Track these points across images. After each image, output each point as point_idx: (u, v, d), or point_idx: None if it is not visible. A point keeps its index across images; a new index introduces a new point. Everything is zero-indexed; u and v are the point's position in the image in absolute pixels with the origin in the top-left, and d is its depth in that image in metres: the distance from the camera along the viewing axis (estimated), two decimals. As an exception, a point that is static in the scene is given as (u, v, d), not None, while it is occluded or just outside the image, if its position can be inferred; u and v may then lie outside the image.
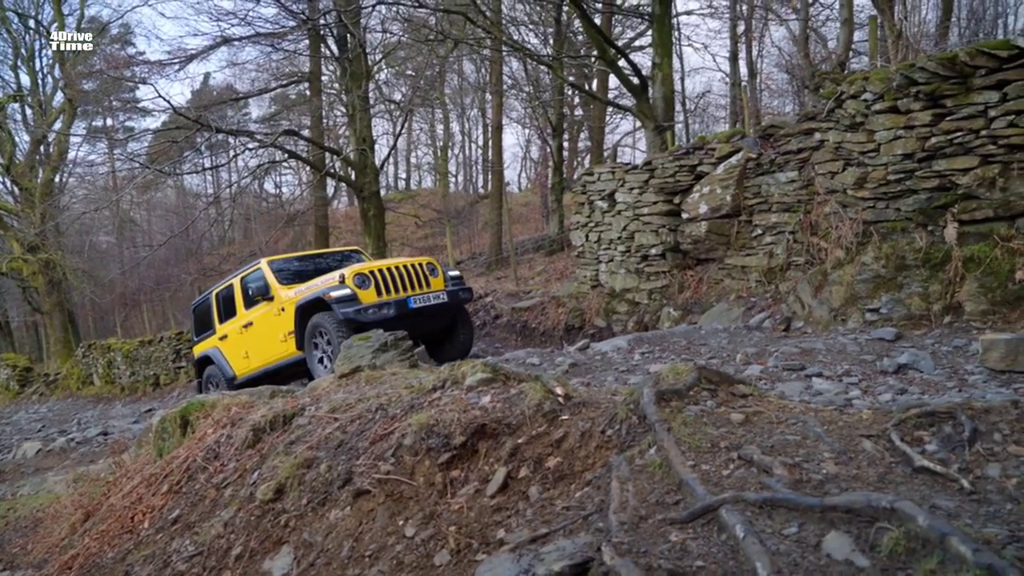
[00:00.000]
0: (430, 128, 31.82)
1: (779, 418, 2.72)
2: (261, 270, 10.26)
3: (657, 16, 13.23)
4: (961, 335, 5.84)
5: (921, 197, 6.57)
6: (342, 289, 8.69)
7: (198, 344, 12.01)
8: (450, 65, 25.63)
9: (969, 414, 2.33)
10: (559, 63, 15.81)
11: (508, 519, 2.92)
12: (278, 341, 9.68)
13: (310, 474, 3.84)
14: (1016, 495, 1.96)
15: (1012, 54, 5.87)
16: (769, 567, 1.84)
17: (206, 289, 13.35)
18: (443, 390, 3.95)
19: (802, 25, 12.62)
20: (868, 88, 6.94)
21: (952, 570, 1.60)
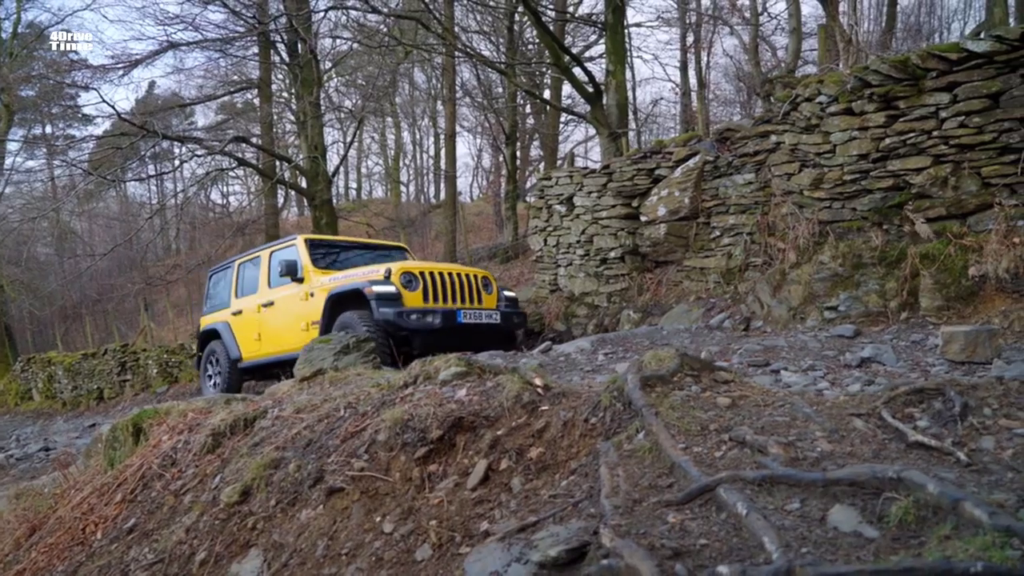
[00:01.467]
0: (381, 137, 31.61)
1: (765, 401, 2.70)
2: (296, 247, 9.15)
3: (610, 24, 13.36)
4: (918, 330, 5.96)
5: (876, 197, 6.71)
6: (386, 285, 7.66)
7: (207, 316, 10.89)
8: (402, 74, 25.51)
9: (958, 390, 2.34)
10: (512, 70, 15.82)
11: (491, 511, 2.84)
12: (298, 329, 8.66)
13: (278, 474, 3.70)
14: (1014, 465, 1.96)
15: (962, 57, 6.03)
16: (777, 541, 1.80)
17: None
18: (415, 386, 3.85)
19: (752, 34, 12.87)
20: (823, 91, 7.06)
21: (967, 535, 1.59)
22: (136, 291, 21.64)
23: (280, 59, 17.54)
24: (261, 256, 9.83)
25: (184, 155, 17.10)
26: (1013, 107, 5.83)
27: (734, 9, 14.38)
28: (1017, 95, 5.80)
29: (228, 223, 23.47)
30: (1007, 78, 5.87)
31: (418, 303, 7.77)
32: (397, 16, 14.15)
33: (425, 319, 7.56)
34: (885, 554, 1.67)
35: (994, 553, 1.47)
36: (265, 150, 16.72)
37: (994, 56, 5.88)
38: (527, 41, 19.84)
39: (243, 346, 9.77)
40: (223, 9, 15.76)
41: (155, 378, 15.68)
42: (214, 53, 17.10)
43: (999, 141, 5.94)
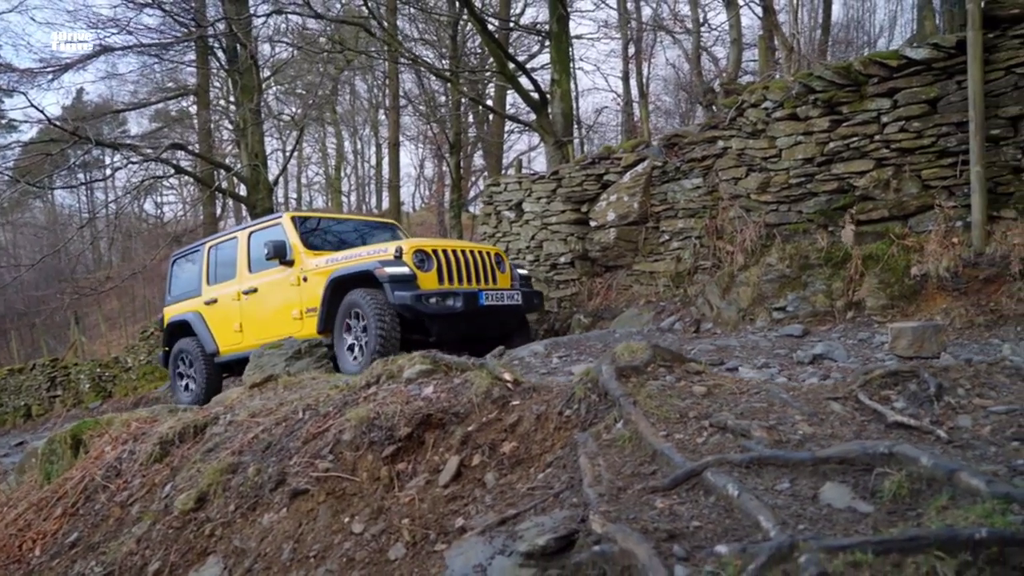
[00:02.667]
0: (321, 147, 31.19)
1: (740, 389, 2.71)
2: (282, 226, 8.17)
3: (555, 33, 13.45)
4: (864, 329, 6.11)
5: (821, 199, 6.87)
6: (399, 266, 6.86)
7: (172, 306, 9.70)
8: (343, 82, 25.26)
9: (931, 372, 2.39)
10: (456, 77, 15.81)
11: (465, 507, 2.78)
12: (290, 318, 7.78)
13: (236, 479, 3.56)
14: (994, 440, 2.00)
15: (901, 64, 6.24)
16: (773, 519, 1.79)
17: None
18: (378, 385, 3.76)
19: (694, 43, 13.13)
20: (768, 97, 7.22)
21: (965, 504, 1.60)
22: (66, 304, 20.83)
23: (219, 65, 17.16)
24: (238, 238, 8.80)
25: (118, 162, 16.56)
26: (950, 112, 6.05)
27: (676, 20, 14.67)
28: (954, 101, 6.01)
29: (163, 233, 22.81)
30: (944, 84, 6.09)
31: (433, 285, 6.99)
32: (340, 21, 14.00)
33: (446, 302, 6.82)
34: (883, 527, 1.67)
35: (996, 519, 1.49)
36: (204, 158, 16.32)
37: (932, 63, 6.10)
38: (468, 52, 19.86)
39: (220, 339, 8.83)
40: (159, 13, 15.37)
41: (87, 393, 15.09)
42: (150, 58, 16.64)
43: (937, 145, 6.14)
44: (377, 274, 6.82)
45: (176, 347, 9.39)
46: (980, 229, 5.81)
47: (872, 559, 1.51)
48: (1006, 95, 5.80)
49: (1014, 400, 2.22)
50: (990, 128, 5.80)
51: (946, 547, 1.47)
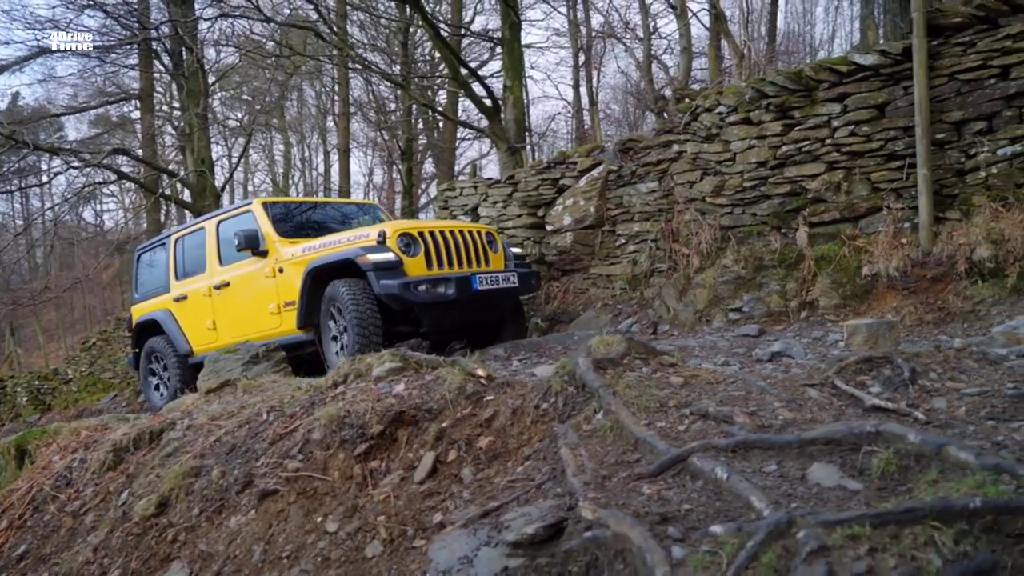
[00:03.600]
0: (268, 154, 30.72)
1: (716, 379, 2.74)
2: (252, 213, 7.51)
3: (507, 40, 13.50)
4: (818, 327, 6.25)
5: (775, 202, 7.01)
6: (383, 252, 6.28)
7: (140, 304, 9.02)
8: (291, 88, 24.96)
9: (904, 357, 2.45)
10: (408, 83, 15.74)
11: (443, 503, 2.74)
12: (267, 313, 7.19)
13: (199, 483, 3.46)
14: (971, 420, 2.05)
15: (851, 69, 6.41)
16: (765, 499, 1.80)
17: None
18: (346, 385, 3.70)
19: (645, 52, 13.33)
20: (722, 102, 7.35)
21: (955, 476, 1.64)
22: (1, 315, 20.07)
23: (164, 69, 16.79)
24: (205, 228, 8.18)
25: (58, 168, 16.05)
26: (897, 117, 6.23)
27: (627, 28, 14.88)
28: (901, 106, 6.20)
29: (103, 241, 22.17)
30: (891, 90, 6.28)
31: (422, 270, 6.41)
32: (290, 26, 13.82)
33: (437, 290, 6.26)
34: (874, 503, 1.70)
35: (988, 489, 1.52)
36: (148, 163, 15.92)
37: (880, 69, 6.28)
38: (417, 59, 19.81)
39: (193, 337, 8.18)
40: (101, 14, 14.97)
41: (25, 406, 14.54)
42: (91, 61, 16.17)
43: (886, 148, 6.33)
44: (359, 262, 6.27)
45: (146, 346, 8.73)
46: (927, 230, 5.99)
47: (870, 531, 1.53)
48: (950, 100, 6.00)
49: (984, 383, 2.28)
50: (935, 132, 6.00)
51: (942, 517, 1.49)
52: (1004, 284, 5.47)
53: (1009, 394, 2.15)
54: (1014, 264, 5.44)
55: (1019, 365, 2.44)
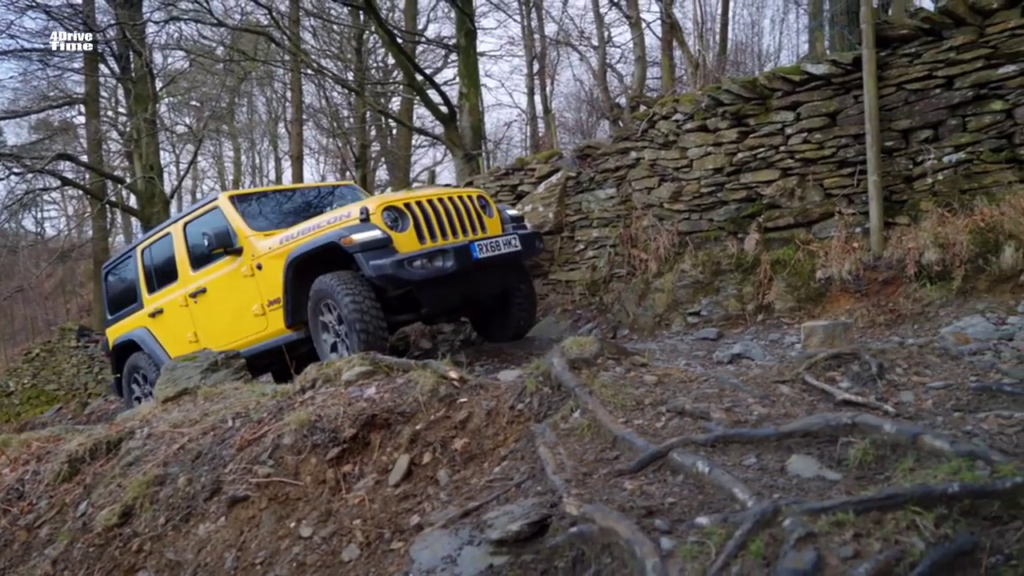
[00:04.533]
0: (218, 161, 30.26)
1: (689, 377, 2.79)
2: (219, 208, 6.90)
3: (463, 47, 13.54)
4: (774, 330, 6.39)
5: (731, 208, 7.16)
6: (368, 230, 5.62)
7: (114, 325, 8.49)
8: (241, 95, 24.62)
9: (871, 353, 2.53)
10: (362, 89, 15.66)
11: (419, 505, 2.74)
12: (251, 315, 6.61)
13: (165, 491, 3.39)
14: (938, 412, 2.13)
15: (803, 78, 6.59)
16: (747, 491, 1.84)
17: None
18: (315, 389, 3.67)
19: (600, 61, 13.50)
20: (679, 109, 7.48)
21: (931, 464, 1.70)
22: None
23: (111, 72, 16.41)
24: (171, 233, 7.53)
25: (-1, 173, 15.56)
26: (848, 125, 6.42)
27: (581, 37, 15.06)
28: (851, 114, 6.39)
29: (46, 249, 21.53)
30: (842, 99, 6.46)
31: (414, 245, 5.76)
32: (243, 30, 13.65)
33: (434, 264, 5.61)
34: (854, 491, 1.75)
35: (964, 475, 1.59)
36: (94, 169, 15.54)
37: (831, 78, 6.46)
38: (370, 66, 19.73)
39: (175, 352, 7.51)
40: (43, 16, 14.60)
41: (-37, 420, 14.03)
42: (32, 64, 15.75)
43: (838, 155, 6.51)
44: (344, 244, 5.62)
45: (128, 364, 8.18)
46: (878, 234, 6.17)
47: (854, 518, 1.58)
48: (898, 109, 6.20)
49: (947, 377, 2.37)
50: (885, 140, 6.19)
51: (922, 502, 1.55)
52: (951, 286, 5.66)
53: (972, 387, 2.24)
54: (960, 267, 5.63)
55: (979, 360, 2.54)
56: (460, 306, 6.64)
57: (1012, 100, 5.73)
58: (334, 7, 17.37)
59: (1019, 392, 2.13)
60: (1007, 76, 5.72)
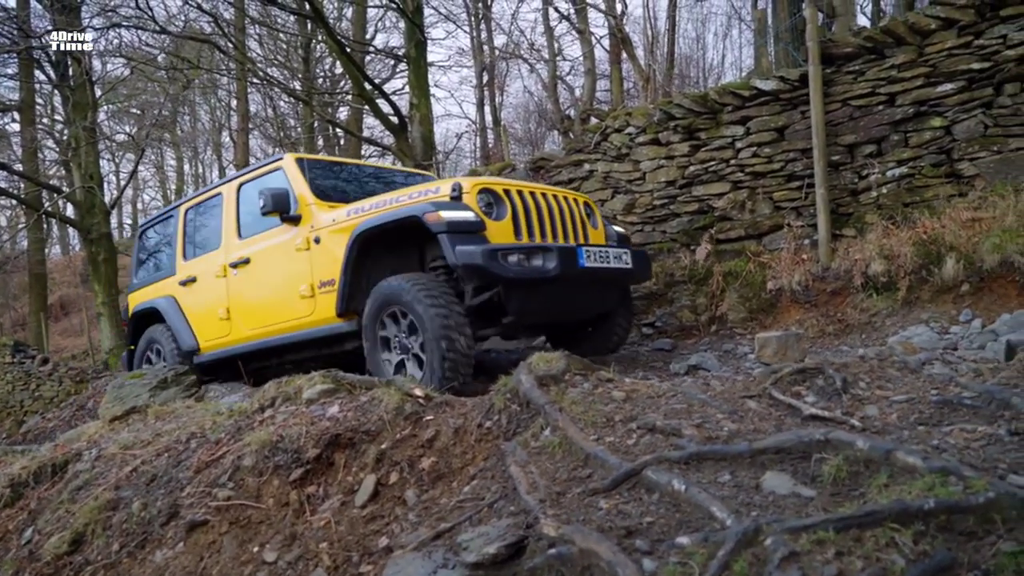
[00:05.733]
0: (159, 171, 29.56)
1: (656, 393, 2.81)
2: (283, 170, 6.01)
3: (413, 58, 13.50)
4: (728, 340, 6.49)
5: (684, 220, 7.26)
6: (459, 210, 4.69)
7: (138, 291, 7.51)
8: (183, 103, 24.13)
9: (835, 368, 2.58)
10: (310, 98, 15.48)
11: (387, 526, 2.69)
12: (296, 296, 5.67)
13: (118, 516, 3.27)
14: (903, 425, 2.18)
15: (752, 94, 6.73)
16: (725, 509, 1.86)
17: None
18: (274, 408, 3.59)
19: (551, 73, 13.59)
20: (631, 122, 7.57)
21: (905, 480, 1.73)
22: None
23: (48, 79, 15.91)
24: (223, 193, 6.62)
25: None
26: (796, 139, 6.58)
27: (532, 49, 15.17)
28: (799, 129, 6.55)
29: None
30: (790, 114, 6.63)
31: (508, 239, 4.81)
32: (189, 38, 13.37)
33: (532, 262, 4.65)
34: (830, 508, 1.78)
35: (939, 491, 1.62)
36: (30, 178, 15.01)
37: (779, 94, 6.62)
38: (317, 75, 19.54)
39: (201, 330, 6.67)
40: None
41: None
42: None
43: (786, 169, 6.67)
44: (428, 220, 4.63)
45: (146, 336, 7.23)
46: (826, 246, 6.33)
47: (834, 536, 1.61)
48: (843, 124, 6.38)
49: (909, 390, 2.43)
50: (831, 154, 6.36)
51: (900, 519, 1.58)
52: (896, 297, 5.83)
53: (934, 400, 2.30)
54: (904, 278, 5.80)
55: (938, 373, 2.61)
56: (550, 320, 5.81)
57: (950, 117, 5.93)
58: (280, 15, 17.17)
59: (979, 406, 2.20)
60: (945, 94, 5.93)
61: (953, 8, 5.84)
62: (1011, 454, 1.84)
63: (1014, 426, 1.98)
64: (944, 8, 5.90)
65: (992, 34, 5.71)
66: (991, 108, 5.78)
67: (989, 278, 5.42)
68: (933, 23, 5.96)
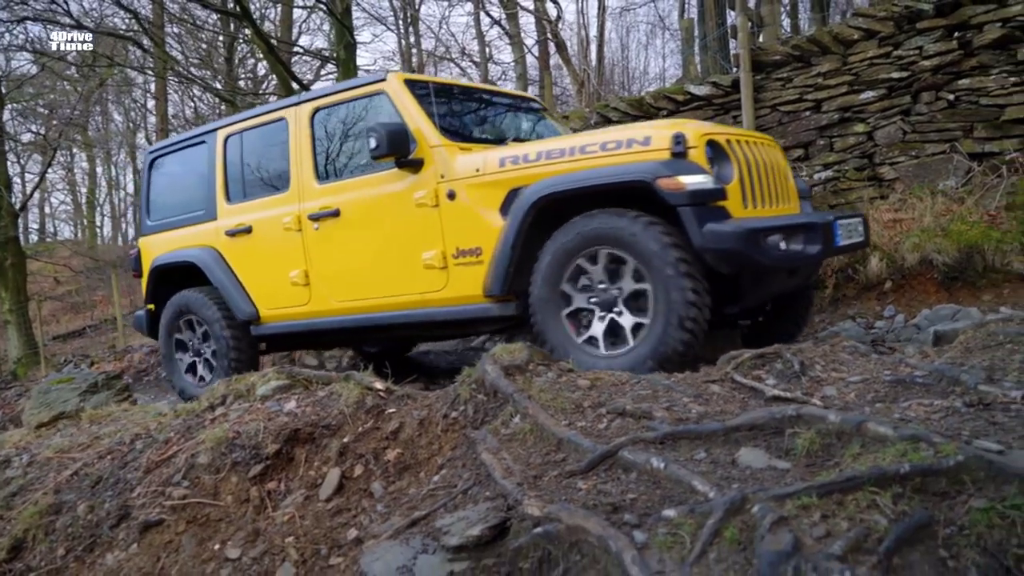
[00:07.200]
0: (68, 172, 28.31)
1: (621, 380, 2.87)
2: (387, 96, 4.63)
3: (343, 60, 13.34)
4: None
5: (620, 221, 7.40)
6: (697, 173, 3.62)
7: (156, 236, 6.02)
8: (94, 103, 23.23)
9: (792, 352, 2.69)
10: (234, 98, 15.12)
11: (355, 518, 2.67)
12: (418, 265, 4.51)
13: (62, 520, 3.13)
14: (861, 404, 2.30)
15: (687, 98, 6.94)
16: (707, 483, 1.92)
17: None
18: (226, 406, 3.50)
19: (483, 78, 13.67)
20: (569, 125, 7.68)
21: (877, 449, 1.83)
22: None
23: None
24: (288, 119, 5.21)
25: None
26: (728, 143, 6.80)
27: (464, 54, 15.22)
28: (731, 133, 6.78)
29: None
30: (723, 118, 6.85)
31: (737, 208, 3.75)
32: (109, 35, 12.87)
33: (793, 244, 3.65)
34: (807, 478, 1.86)
35: (912, 456, 1.72)
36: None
37: (712, 99, 6.84)
38: (239, 76, 19.11)
39: (261, 295, 5.38)
40: None
41: None
42: None
43: (719, 172, 6.88)
44: (665, 189, 3.56)
45: (175, 304, 5.79)
46: (757, 246, 6.55)
47: (817, 501, 1.69)
48: (773, 129, 6.63)
49: (863, 372, 2.56)
50: (762, 158, 6.60)
51: (878, 483, 1.67)
52: (824, 294, 6.08)
53: (887, 380, 2.43)
54: (831, 276, 6.06)
55: (887, 356, 2.76)
56: (761, 306, 4.84)
57: (872, 123, 6.24)
58: (202, 14, 16.73)
59: (930, 383, 2.33)
60: (868, 101, 6.23)
61: (874, 20, 6.15)
62: (970, 423, 1.96)
63: (968, 398, 2.11)
64: (866, 19, 6.21)
65: (910, 45, 6.04)
66: (909, 115, 6.11)
67: (910, 275, 5.71)
68: (856, 33, 6.26)
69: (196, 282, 5.67)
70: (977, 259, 5.33)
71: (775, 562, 1.53)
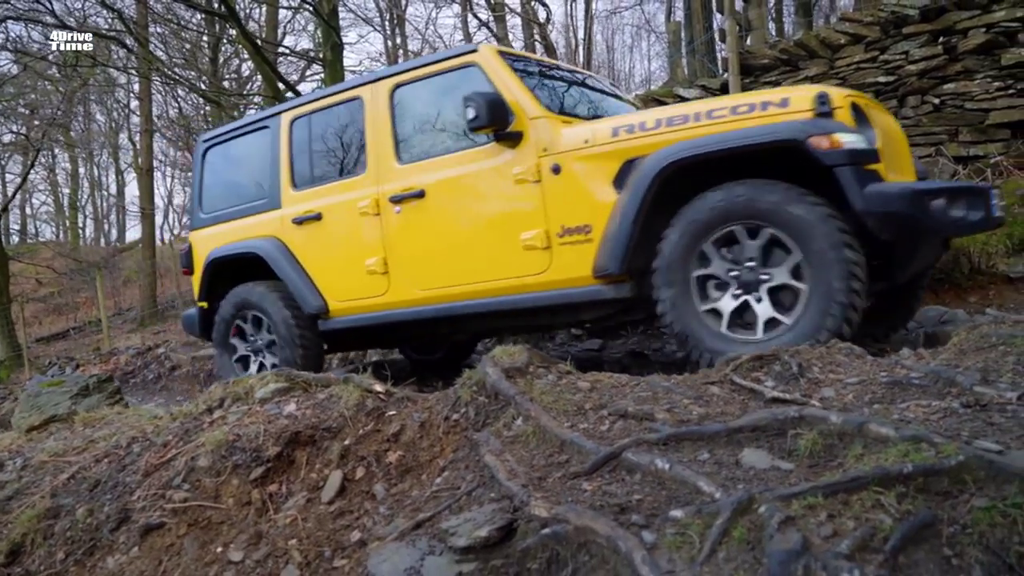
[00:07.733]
0: (50, 173, 28.02)
1: (620, 383, 2.90)
2: (479, 68, 4.39)
3: (329, 61, 13.36)
4: (655, 340, 6.73)
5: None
6: (852, 132, 3.42)
7: (210, 229, 5.77)
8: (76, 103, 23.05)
9: (789, 354, 2.73)
10: (219, 99, 15.07)
11: (358, 520, 2.69)
12: (516, 246, 4.27)
13: (60, 524, 3.13)
14: (859, 405, 2.34)
15: (675, 101, 6.98)
16: (712, 483, 1.96)
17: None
18: (224, 409, 3.51)
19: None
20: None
21: (879, 449, 1.87)
22: None
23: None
24: (364, 98, 4.98)
25: None
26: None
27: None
28: (720, 136, 6.83)
29: None
30: (711, 121, 6.90)
31: (886, 175, 3.49)
32: (95, 33, 12.77)
33: (955, 209, 3.44)
34: (811, 478, 1.90)
35: (914, 456, 1.76)
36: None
37: (701, 102, 6.90)
38: (223, 76, 19.02)
39: (331, 286, 5.10)
40: None
41: None
42: None
43: (708, 174, 6.94)
44: (819, 148, 3.34)
45: (232, 300, 5.50)
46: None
47: (823, 501, 1.72)
48: (761, 132, 6.69)
49: (860, 373, 2.60)
50: (750, 160, 6.66)
51: (882, 483, 1.71)
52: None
53: (884, 381, 2.47)
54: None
55: (882, 358, 2.81)
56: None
57: (860, 126, 6.30)
58: (186, 13, 16.64)
59: (927, 384, 2.38)
60: (856, 105, 6.29)
61: (861, 25, 6.23)
62: (968, 424, 2.01)
63: (965, 399, 2.16)
64: (853, 24, 6.29)
65: (896, 50, 6.12)
66: (896, 119, 6.19)
67: (897, 277, 5.78)
68: (843, 38, 6.34)
69: (252, 277, 5.43)
70: (963, 261, 5.41)
71: (785, 561, 1.56)
